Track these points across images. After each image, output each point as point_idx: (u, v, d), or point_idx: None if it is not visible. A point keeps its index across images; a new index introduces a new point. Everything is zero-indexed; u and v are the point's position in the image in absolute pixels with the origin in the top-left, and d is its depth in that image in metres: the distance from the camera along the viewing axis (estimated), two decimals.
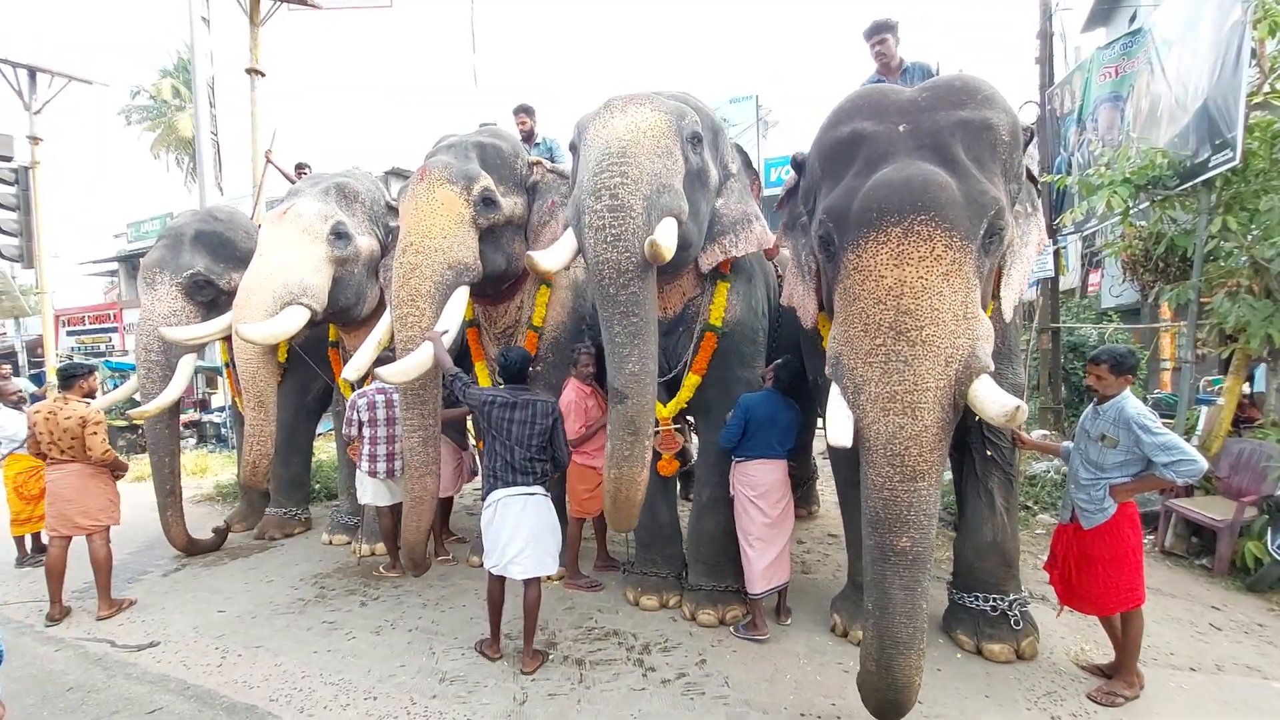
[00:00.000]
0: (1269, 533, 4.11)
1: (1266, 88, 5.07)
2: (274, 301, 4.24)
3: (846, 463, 3.59)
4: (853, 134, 2.64)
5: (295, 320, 4.29)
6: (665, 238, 2.85)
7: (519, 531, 3.19)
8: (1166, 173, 5.17)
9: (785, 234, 3.37)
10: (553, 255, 3.33)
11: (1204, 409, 5.40)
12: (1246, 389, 5.14)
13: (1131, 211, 5.44)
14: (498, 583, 3.33)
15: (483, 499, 3.34)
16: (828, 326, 3.28)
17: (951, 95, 2.59)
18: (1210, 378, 6.82)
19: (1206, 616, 3.74)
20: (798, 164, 3.18)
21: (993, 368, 2.36)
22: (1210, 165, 4.77)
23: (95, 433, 3.92)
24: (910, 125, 2.55)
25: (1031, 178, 3.00)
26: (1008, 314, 2.80)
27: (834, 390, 2.54)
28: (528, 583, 3.28)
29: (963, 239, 2.30)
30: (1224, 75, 4.69)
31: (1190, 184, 5.04)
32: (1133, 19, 9.68)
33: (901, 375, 2.27)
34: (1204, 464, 2.65)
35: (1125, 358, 2.87)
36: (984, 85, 2.67)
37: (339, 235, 4.59)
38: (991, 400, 2.29)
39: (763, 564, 3.49)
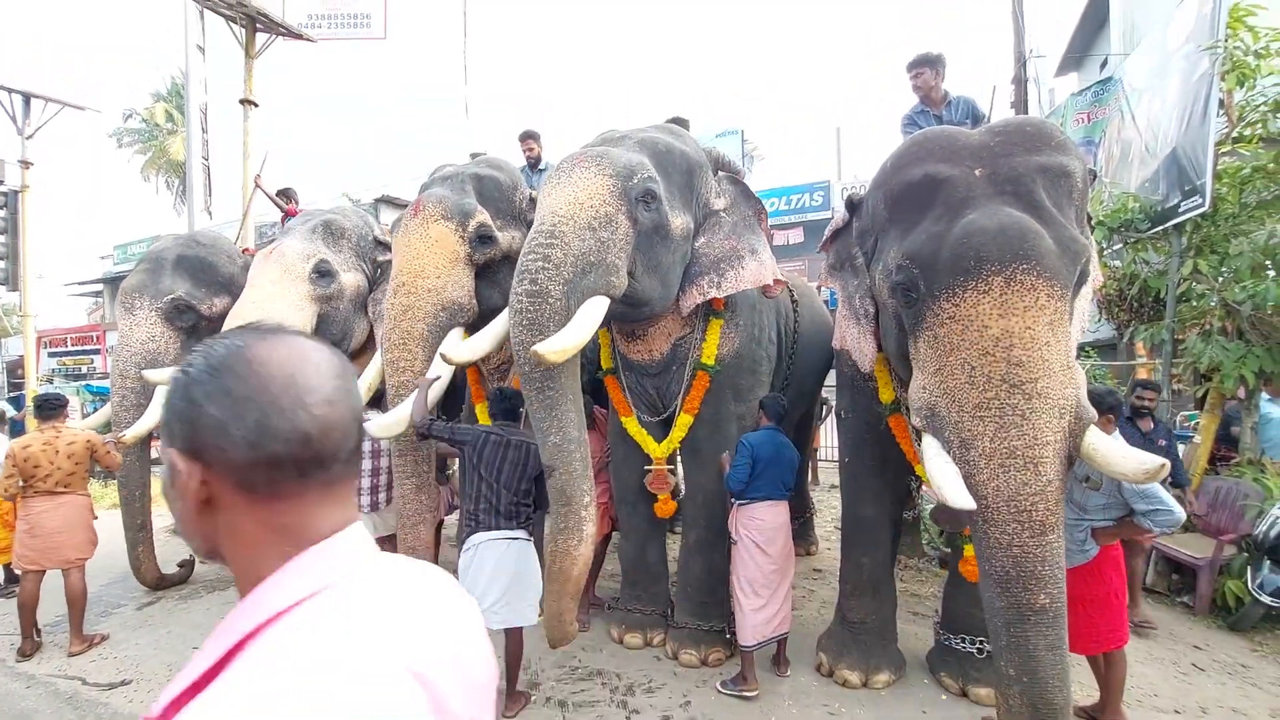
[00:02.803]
0: (1249, 572, 4.13)
1: (1235, 134, 5.27)
2: None
3: (862, 498, 3.51)
4: (926, 177, 2.58)
5: None
6: (559, 342, 2.76)
7: (497, 579, 3.06)
8: (1138, 216, 5.34)
9: (832, 274, 3.31)
10: (474, 343, 3.25)
11: (1181, 446, 5.48)
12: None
13: (1105, 252, 5.59)
14: None
15: (458, 543, 3.22)
16: (883, 370, 3.24)
17: (1025, 140, 2.56)
18: (1187, 413, 6.93)
19: (1189, 656, 3.76)
20: (853, 205, 3.16)
21: (1097, 417, 2.32)
22: (1180, 210, 4.92)
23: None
24: (986, 169, 2.49)
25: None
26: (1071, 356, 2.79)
27: (931, 444, 2.41)
28: (509, 631, 3.14)
29: (1062, 287, 2.25)
30: (1192, 124, 4.87)
31: (1161, 227, 5.20)
32: (1103, 65, 10.04)
33: (1020, 430, 2.19)
34: (1181, 515, 2.66)
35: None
36: (1056, 130, 2.67)
37: (321, 274, 4.58)
38: (1123, 457, 2.20)
39: (764, 615, 3.32)
